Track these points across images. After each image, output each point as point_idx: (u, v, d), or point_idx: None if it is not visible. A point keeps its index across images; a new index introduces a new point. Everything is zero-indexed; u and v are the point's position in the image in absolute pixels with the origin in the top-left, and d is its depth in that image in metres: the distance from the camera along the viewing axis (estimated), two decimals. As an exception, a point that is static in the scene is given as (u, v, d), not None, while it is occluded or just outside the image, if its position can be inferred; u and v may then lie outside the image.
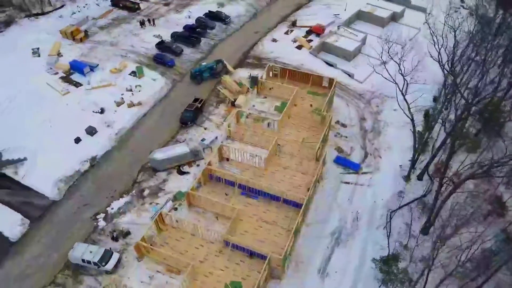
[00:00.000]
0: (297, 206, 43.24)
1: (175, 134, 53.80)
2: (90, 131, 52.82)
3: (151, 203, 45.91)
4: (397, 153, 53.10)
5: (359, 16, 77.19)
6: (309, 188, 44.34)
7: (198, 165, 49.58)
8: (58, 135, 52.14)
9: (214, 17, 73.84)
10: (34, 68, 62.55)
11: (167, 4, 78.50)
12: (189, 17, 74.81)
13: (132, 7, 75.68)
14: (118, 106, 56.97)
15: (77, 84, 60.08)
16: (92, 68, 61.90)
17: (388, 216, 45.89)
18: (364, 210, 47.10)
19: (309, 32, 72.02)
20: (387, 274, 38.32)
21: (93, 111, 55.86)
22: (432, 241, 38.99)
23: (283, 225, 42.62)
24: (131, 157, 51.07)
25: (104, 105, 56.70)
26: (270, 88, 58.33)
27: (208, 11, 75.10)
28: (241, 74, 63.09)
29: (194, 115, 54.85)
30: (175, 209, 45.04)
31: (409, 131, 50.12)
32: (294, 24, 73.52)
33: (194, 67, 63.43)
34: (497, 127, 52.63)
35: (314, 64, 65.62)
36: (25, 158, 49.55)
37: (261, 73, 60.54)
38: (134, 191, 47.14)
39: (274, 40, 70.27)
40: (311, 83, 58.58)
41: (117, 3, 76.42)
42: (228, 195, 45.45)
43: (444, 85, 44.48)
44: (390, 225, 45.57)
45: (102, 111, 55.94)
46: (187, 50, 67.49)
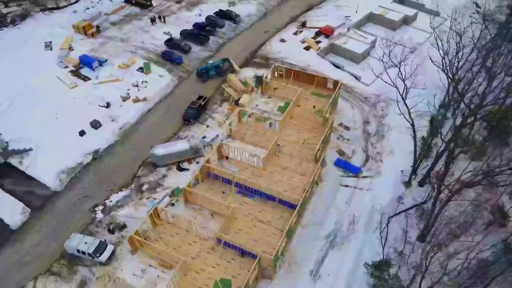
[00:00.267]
0: (293, 207, 43.14)
1: (177, 130, 54.34)
2: (95, 124, 53.79)
3: (148, 198, 46.54)
4: (400, 158, 52.44)
5: (370, 19, 76.46)
6: (306, 190, 44.20)
7: (197, 162, 49.97)
8: (64, 128, 53.29)
9: (224, 15, 74.21)
10: (45, 61, 64.07)
11: (179, 2, 79.27)
12: (200, 15, 75.39)
13: (144, 4, 76.67)
14: (124, 101, 57.85)
15: (86, 78, 61.27)
16: (101, 63, 63.00)
17: (385, 221, 45.43)
18: (361, 214, 46.69)
19: (318, 33, 71.71)
20: (378, 280, 37.94)
21: (99, 105, 56.86)
22: (422, 248, 38.37)
23: (277, 225, 42.61)
24: (133, 151, 51.80)
25: (110, 99, 57.65)
26: (274, 88, 58.30)
27: (219, 10, 75.52)
28: (247, 73, 63.26)
29: (197, 113, 55.30)
30: (172, 204, 45.51)
31: (411, 137, 49.43)
32: (303, 24, 73.31)
33: (201, 65, 63.89)
34: (504, 135, 51.48)
35: (321, 66, 65.29)
36: (30, 149, 50.81)
37: (267, 73, 60.57)
38: (133, 185, 47.84)
39: (283, 40, 70.21)
40: (315, 84, 58.32)
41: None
42: (225, 193, 45.68)
43: (447, 91, 43.69)
44: (387, 231, 45.12)
45: (108, 105, 56.90)
46: (196, 48, 68.03)
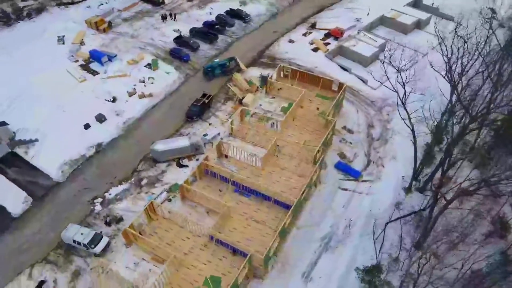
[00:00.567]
0: (288, 208, 43.05)
1: (180, 127, 54.92)
2: (100, 118, 54.77)
3: (147, 193, 47.18)
4: (402, 163, 51.77)
5: (382, 22, 75.59)
6: (303, 191, 44.10)
7: (197, 160, 50.38)
8: (70, 120, 54.48)
9: (234, 15, 74.53)
10: (57, 55, 65.61)
11: (191, 0, 79.84)
12: (210, 14, 75.91)
13: (157, 1, 77.58)
14: (130, 96, 58.74)
15: (94, 73, 62.46)
16: (110, 58, 64.08)
17: (381, 227, 44.92)
18: (358, 218, 46.32)
19: (327, 35, 71.33)
20: (369, 285, 37.61)
21: (106, 100, 57.88)
22: (409, 254, 37.90)
23: (272, 225, 42.60)
24: (135, 146, 52.57)
25: (117, 94, 58.64)
26: (279, 89, 58.23)
27: (229, 9, 75.87)
28: (253, 73, 63.42)
29: (201, 110, 55.75)
30: (169, 200, 46.02)
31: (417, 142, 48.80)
32: (313, 26, 73.02)
33: (208, 63, 64.32)
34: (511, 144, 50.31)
35: (328, 68, 64.97)
36: (36, 140, 52.10)
37: (272, 73, 60.59)
38: (133, 179, 48.58)
39: (291, 41, 70.08)
40: (320, 86, 58.03)
41: (142, -4, 78.73)
42: (222, 191, 45.94)
43: (450, 99, 42.93)
44: (383, 236, 44.64)
45: (114, 100, 57.85)
46: (204, 46, 68.53)
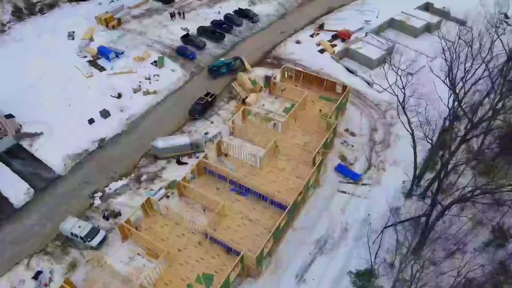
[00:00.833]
0: (284, 209, 43.03)
1: (182, 125, 55.33)
2: (104, 113, 55.55)
3: (146, 188, 47.68)
4: (403, 168, 50.73)
5: (391, 25, 75.01)
6: (300, 192, 44.06)
7: (197, 157, 50.61)
8: (75, 115, 55.41)
9: (242, 14, 74.75)
10: (66, 50, 66.78)
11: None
12: (219, 13, 76.26)
13: (167, -1, 78.32)
14: (135, 92, 59.42)
15: (102, 69, 63.34)
16: (118, 54, 64.92)
17: (377, 231, 44.52)
18: (355, 222, 46.09)
19: (335, 36, 71.03)
20: (361, 289, 37.44)
21: (111, 95, 58.67)
22: (400, 260, 37.55)
23: (267, 225, 42.60)
24: (137, 142, 53.16)
25: (122, 90, 59.41)
26: (282, 90, 58.21)
27: (238, 8, 76.09)
28: (258, 72, 63.55)
29: (203, 109, 56.11)
30: (167, 197, 46.49)
31: (420, 147, 48.23)
32: (321, 27, 72.76)
33: (213, 62, 64.64)
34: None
35: (334, 70, 64.75)
36: (41, 133, 53.11)
37: (276, 74, 60.57)
38: (133, 175, 49.15)
39: (298, 42, 69.96)
40: (324, 88, 57.82)
41: (153, -6, 79.45)
42: (219, 189, 46.17)
43: (453, 105, 42.25)
44: (380, 241, 44.26)
45: (119, 96, 58.60)
46: (210, 45, 68.89)
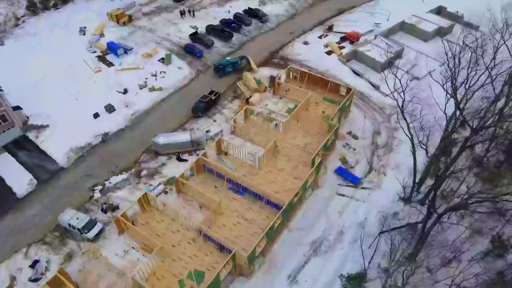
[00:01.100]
0: (280, 209, 43.01)
1: (184, 122, 55.76)
2: (109, 108, 56.41)
3: (145, 184, 48.26)
4: (405, 173, 50.45)
5: (402, 28, 74.08)
6: (296, 193, 44.00)
7: (198, 155, 50.91)
8: (81, 109, 56.40)
9: (252, 14, 74.86)
10: (77, 45, 67.95)
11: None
12: (229, 12, 76.52)
13: (178, -3, 78.95)
14: (141, 89, 60.14)
15: (110, 64, 64.29)
16: (126, 50, 65.80)
17: (373, 236, 44.19)
18: (352, 225, 45.82)
19: (343, 38, 70.56)
20: (351, 292, 37.24)
21: (117, 91, 59.52)
22: (384, 269, 37.22)
23: (262, 225, 42.69)
24: (139, 138, 53.81)
25: (128, 86, 60.23)
26: (286, 90, 58.19)
27: (248, 8, 76.26)
28: (264, 72, 63.61)
29: (206, 107, 56.46)
30: (166, 192, 46.98)
31: (422, 152, 47.63)
32: (330, 28, 72.36)
33: (220, 60, 64.92)
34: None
35: (340, 72, 64.35)
36: (47, 125, 54.24)
37: (281, 74, 60.55)
38: (133, 169, 49.80)
39: (306, 43, 69.73)
40: (328, 89, 57.56)
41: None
42: (217, 187, 46.43)
43: (454, 112, 41.62)
44: (376, 245, 43.92)
45: (125, 91, 59.42)
46: (218, 44, 69.23)
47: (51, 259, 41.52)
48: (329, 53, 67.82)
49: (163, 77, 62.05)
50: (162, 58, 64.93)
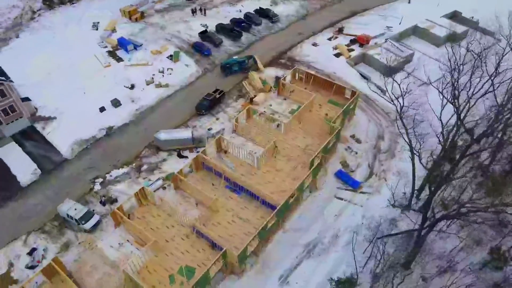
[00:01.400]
0: (274, 209, 43.07)
1: (188, 119, 56.23)
2: (115, 103, 57.36)
3: (145, 178, 48.91)
4: (405, 180, 49.77)
5: (414, 32, 73.01)
6: (292, 195, 43.93)
7: (198, 152, 51.35)
8: (88, 102, 57.51)
9: (262, 14, 74.92)
10: (89, 40, 69.29)
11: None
12: (240, 11, 76.78)
13: (190, -5, 79.58)
14: (148, 85, 60.93)
15: (119, 59, 65.35)
16: (136, 46, 66.76)
17: (374, 242, 43.70)
18: (348, 229, 45.45)
19: (353, 41, 69.95)
20: (340, 297, 36.99)
21: (124, 86, 60.44)
22: (371, 277, 36.78)
23: (256, 225, 42.75)
24: (143, 133, 54.50)
25: (136, 81, 61.10)
26: (291, 91, 58.12)
27: (259, 8, 76.36)
28: (270, 72, 63.62)
29: (210, 105, 56.81)
30: (164, 188, 47.50)
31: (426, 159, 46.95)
32: (340, 31, 71.84)
33: (227, 59, 65.22)
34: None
35: (347, 74, 63.87)
36: (54, 117, 55.51)
37: (286, 75, 60.48)
38: (134, 164, 50.51)
39: (315, 45, 69.42)
40: (333, 92, 57.20)
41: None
42: (214, 185, 46.72)
43: (457, 120, 40.84)
44: (371, 251, 43.43)
45: (132, 87, 60.30)
46: (227, 43, 69.55)
47: (49, 247, 42.51)
48: (337, 55, 67.35)
49: (170, 74, 62.72)
50: (171, 55, 65.62)
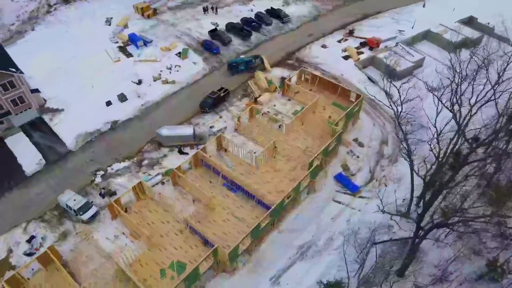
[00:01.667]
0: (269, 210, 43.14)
1: (191, 116, 56.67)
2: (122, 97, 58.28)
3: (145, 173, 49.58)
4: (406, 186, 49.23)
5: (427, 36, 71.81)
6: (288, 195, 43.90)
7: (198, 149, 51.75)
8: (95, 96, 58.63)
9: (274, 14, 74.85)
10: (101, 35, 70.58)
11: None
12: (252, 10, 76.91)
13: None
14: (154, 81, 61.70)
15: (129, 55, 66.35)
16: (146, 43, 67.62)
17: (370, 247, 43.29)
18: (343, 233, 44.97)
19: (363, 44, 69.24)
20: (328, 301, 36.78)
21: (132, 81, 61.32)
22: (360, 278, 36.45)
23: (250, 224, 42.87)
24: (146, 128, 55.15)
25: (143, 77, 61.95)
26: (295, 92, 58.01)
27: (270, 8, 76.33)
28: (277, 73, 63.55)
29: (214, 103, 57.13)
30: (162, 183, 48.05)
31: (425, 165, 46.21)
32: (350, 33, 71.20)
33: (234, 58, 65.44)
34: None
35: (355, 77, 63.33)
36: (62, 109, 56.79)
37: (292, 75, 60.33)
38: (135, 158, 51.23)
39: (324, 46, 69.01)
40: (338, 94, 56.84)
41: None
42: (212, 183, 47.05)
43: (458, 129, 40.14)
44: (365, 256, 43.00)
45: (139, 82, 61.15)
46: (236, 42, 69.77)
47: (47, 236, 43.55)
48: (346, 57, 66.79)
49: (178, 70, 63.34)
50: (179, 52, 66.25)
